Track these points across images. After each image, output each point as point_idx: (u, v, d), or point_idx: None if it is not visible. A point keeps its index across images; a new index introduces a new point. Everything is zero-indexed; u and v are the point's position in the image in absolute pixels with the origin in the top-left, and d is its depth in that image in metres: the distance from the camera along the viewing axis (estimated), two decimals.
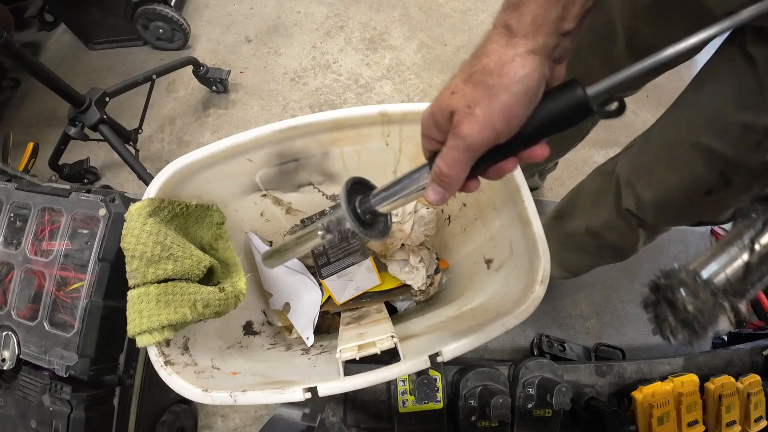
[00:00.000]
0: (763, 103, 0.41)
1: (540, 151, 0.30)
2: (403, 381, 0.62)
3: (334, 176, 0.66)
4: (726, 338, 1.03)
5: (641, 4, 0.51)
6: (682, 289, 0.17)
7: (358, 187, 0.39)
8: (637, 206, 0.60)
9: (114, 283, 0.62)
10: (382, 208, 0.37)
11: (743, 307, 0.17)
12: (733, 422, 0.69)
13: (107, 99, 1.02)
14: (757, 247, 0.17)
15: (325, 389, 0.45)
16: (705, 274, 0.17)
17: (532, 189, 0.81)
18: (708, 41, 0.23)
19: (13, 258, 0.65)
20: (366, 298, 0.74)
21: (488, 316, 0.51)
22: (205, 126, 1.29)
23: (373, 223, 0.39)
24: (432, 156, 0.32)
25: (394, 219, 0.73)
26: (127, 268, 0.47)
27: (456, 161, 0.29)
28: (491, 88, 0.26)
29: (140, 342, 0.46)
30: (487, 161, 0.30)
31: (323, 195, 0.67)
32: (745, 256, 0.17)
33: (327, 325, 0.78)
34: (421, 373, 0.62)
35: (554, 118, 0.27)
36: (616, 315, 1.06)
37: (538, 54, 0.26)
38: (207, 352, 0.55)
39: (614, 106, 0.24)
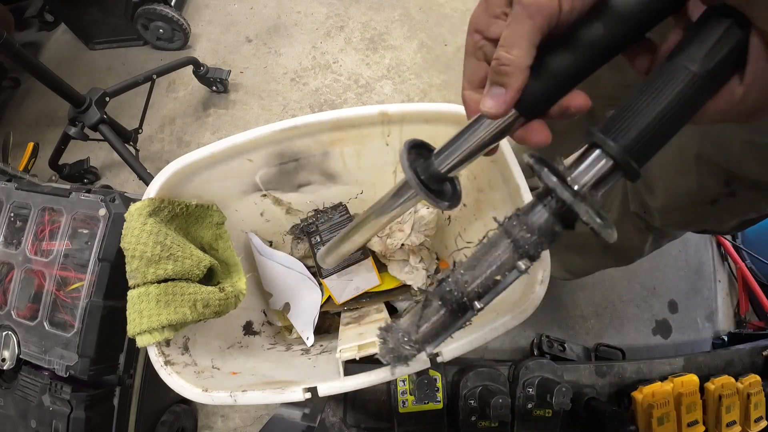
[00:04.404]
0: (767, 123, 0.41)
1: (579, 99, 0.26)
2: (403, 381, 0.62)
3: (334, 176, 0.65)
4: (726, 338, 1.03)
5: None
6: (387, 335, 0.29)
7: (418, 151, 0.35)
8: (644, 210, 0.60)
9: (114, 283, 0.62)
10: (449, 170, 0.33)
11: (430, 349, 0.28)
12: (733, 422, 0.69)
13: (107, 99, 1.02)
14: (421, 326, 0.28)
15: (325, 389, 0.45)
16: (402, 326, 0.29)
17: (532, 189, 0.81)
18: None
19: (13, 258, 0.65)
20: (366, 298, 0.74)
21: (488, 316, 0.51)
22: (205, 126, 1.29)
23: (440, 190, 0.36)
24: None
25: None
26: (127, 268, 0.47)
27: (517, 36, 0.24)
28: None
29: (140, 342, 0.46)
30: (550, 81, 0.26)
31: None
32: (416, 326, 0.28)
33: (327, 325, 0.78)
34: (421, 373, 0.62)
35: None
36: (616, 315, 1.06)
37: None
38: (207, 352, 0.55)
39: None
